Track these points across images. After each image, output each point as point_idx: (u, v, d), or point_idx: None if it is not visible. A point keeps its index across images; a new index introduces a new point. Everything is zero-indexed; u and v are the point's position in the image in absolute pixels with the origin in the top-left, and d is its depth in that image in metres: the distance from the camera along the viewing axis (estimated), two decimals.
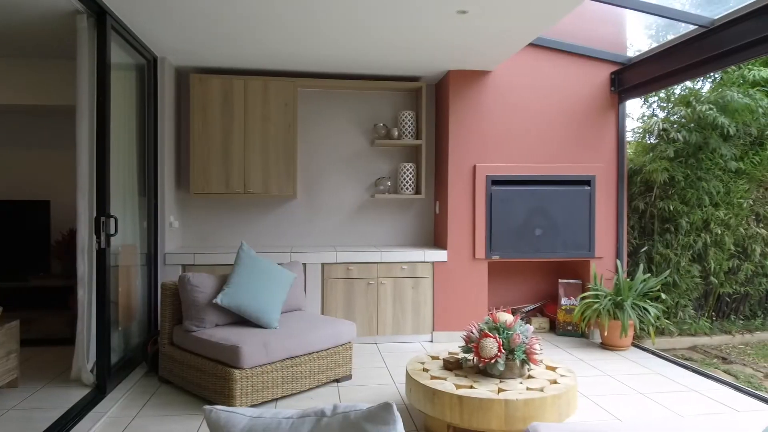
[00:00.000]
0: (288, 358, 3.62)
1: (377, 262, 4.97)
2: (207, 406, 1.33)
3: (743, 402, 3.62)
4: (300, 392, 3.75)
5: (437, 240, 5.51)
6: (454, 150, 5.12)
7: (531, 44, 5.16)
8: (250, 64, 4.94)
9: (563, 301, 5.38)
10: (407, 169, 5.33)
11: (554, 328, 5.51)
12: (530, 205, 5.17)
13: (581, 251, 5.26)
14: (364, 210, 5.55)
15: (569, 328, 5.35)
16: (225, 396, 3.40)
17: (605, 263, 5.29)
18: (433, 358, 3.48)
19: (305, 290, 4.85)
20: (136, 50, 4.28)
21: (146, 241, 4.59)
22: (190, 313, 3.74)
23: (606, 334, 4.89)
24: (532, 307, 5.67)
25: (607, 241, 5.29)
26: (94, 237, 3.63)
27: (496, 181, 5.15)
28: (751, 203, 5.54)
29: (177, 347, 3.82)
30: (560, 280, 5.43)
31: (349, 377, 4.04)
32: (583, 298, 5.05)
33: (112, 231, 3.68)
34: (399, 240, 5.60)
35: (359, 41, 4.26)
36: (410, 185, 5.34)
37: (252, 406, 3.45)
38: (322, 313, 4.90)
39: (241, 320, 3.86)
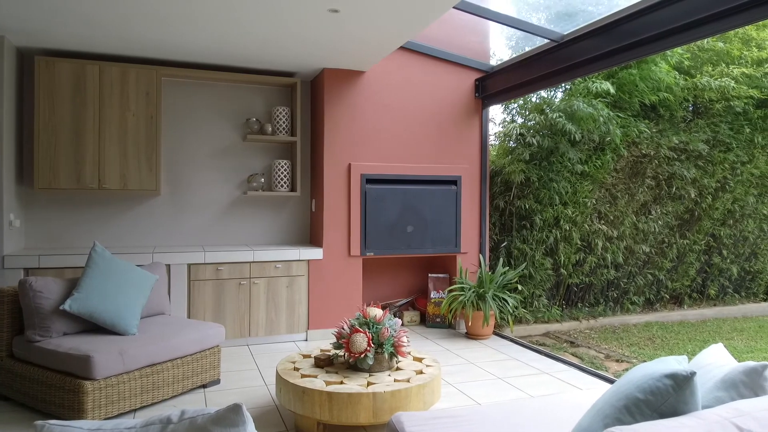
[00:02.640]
0: (148, 366, 3.39)
1: (249, 262, 4.83)
2: (39, 422, 1.20)
3: (586, 381, 4.05)
4: (162, 401, 3.53)
5: (313, 238, 5.48)
6: (329, 148, 5.13)
7: (404, 48, 5.32)
8: (108, 48, 4.54)
9: (433, 294, 5.63)
10: (282, 166, 5.24)
11: (425, 320, 5.74)
12: (402, 203, 5.34)
13: (449, 247, 5.53)
14: (235, 208, 5.36)
15: (438, 320, 5.61)
16: (75, 410, 3.10)
17: (470, 258, 5.61)
18: (305, 356, 3.45)
19: (169, 293, 4.58)
20: None
21: None
22: (32, 322, 3.35)
23: (470, 324, 5.20)
24: (404, 301, 5.86)
25: (471, 237, 5.62)
26: None
27: (371, 180, 5.25)
28: (594, 202, 6.19)
29: (17, 360, 3.41)
30: (430, 275, 5.67)
31: (217, 382, 3.88)
32: (450, 291, 5.32)
33: None
34: (273, 238, 5.49)
35: (231, 33, 4.10)
36: (285, 182, 5.25)
37: (107, 418, 3.18)
38: (189, 316, 4.66)
39: (94, 328, 3.54)
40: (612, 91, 5.77)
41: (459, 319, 5.54)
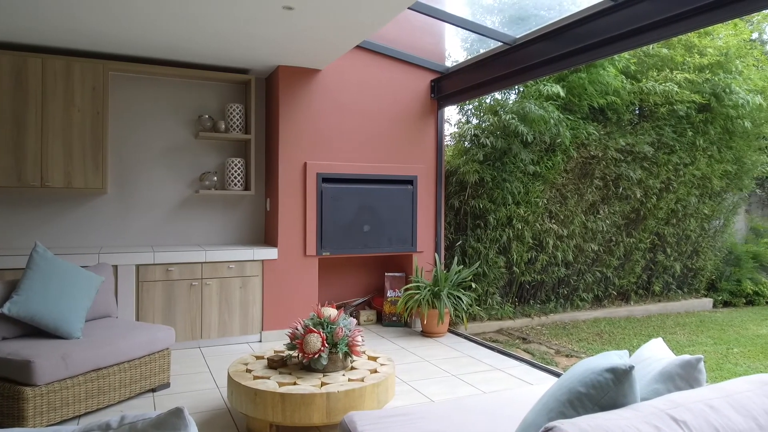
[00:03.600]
0: (93, 371, 3.27)
1: (201, 262, 4.72)
2: None
3: (537, 376, 4.15)
4: (109, 406, 3.41)
5: (268, 238, 5.41)
6: (284, 146, 5.07)
7: (360, 47, 5.32)
8: (52, 41, 4.35)
9: (389, 293, 5.65)
10: (235, 164, 5.14)
11: (381, 319, 5.76)
12: (359, 203, 5.34)
13: (405, 246, 5.57)
14: (187, 207, 5.23)
15: (394, 318, 5.64)
16: (15, 418, 2.96)
17: (426, 257, 5.66)
18: (258, 357, 3.41)
19: (117, 295, 4.43)
20: None
21: None
22: None
23: (425, 322, 5.24)
24: (361, 300, 5.86)
25: (427, 236, 5.67)
26: None
27: (327, 179, 5.22)
28: (545, 202, 6.35)
29: None
30: (386, 274, 5.70)
31: (167, 385, 3.78)
32: (406, 290, 5.36)
33: None
34: (227, 238, 5.39)
35: (183, 27, 4.00)
36: (239, 181, 5.17)
37: (50, 425, 3.05)
38: (138, 319, 4.52)
39: (35, 331, 3.39)
40: (562, 94, 5.93)
41: (415, 318, 5.59)
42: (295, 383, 2.94)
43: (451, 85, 5.54)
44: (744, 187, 7.74)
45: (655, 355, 1.93)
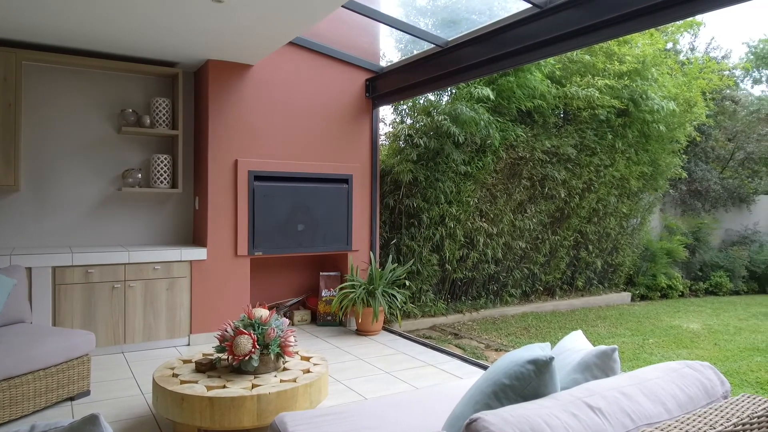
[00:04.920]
0: (4, 380, 3.05)
1: (125, 264, 4.51)
2: None
3: (467, 370, 4.26)
4: (22, 417, 3.19)
5: (196, 237, 5.24)
6: (214, 143, 4.92)
7: (294, 44, 5.25)
8: None
9: (324, 293, 5.62)
10: (162, 161, 4.94)
11: (316, 319, 5.71)
12: (293, 202, 5.27)
13: (340, 245, 5.55)
14: (109, 205, 4.98)
15: (329, 318, 5.61)
16: None
17: (361, 255, 5.67)
18: (185, 361, 3.29)
19: (30, 299, 4.15)
20: None
21: None
22: None
23: (360, 321, 5.26)
24: (295, 300, 5.79)
25: (362, 235, 5.69)
26: None
27: (259, 177, 5.12)
28: (476, 201, 6.53)
29: None
30: (321, 273, 5.66)
31: (87, 393, 3.58)
32: (341, 289, 5.34)
33: None
34: (152, 238, 5.17)
35: (106, 16, 3.79)
36: (165, 178, 4.97)
37: None
38: (55, 324, 4.25)
39: None
40: (492, 96, 6.11)
41: (350, 317, 5.58)
42: (224, 386, 2.87)
43: (385, 85, 5.57)
44: (659, 187, 8.28)
45: (574, 347, 2.03)
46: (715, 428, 1.44)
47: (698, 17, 9.19)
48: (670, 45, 9.66)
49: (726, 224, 10.45)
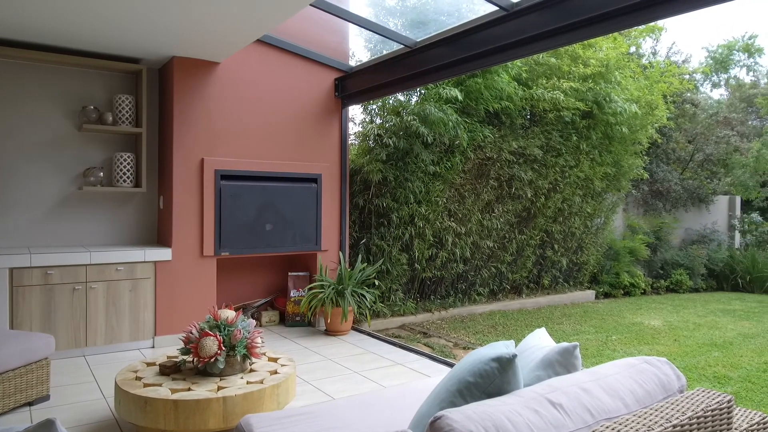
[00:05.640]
0: None
1: (86, 264, 4.39)
2: None
3: (435, 368, 4.29)
4: None
5: (161, 237, 5.14)
6: (179, 141, 4.83)
7: (262, 42, 5.20)
8: None
9: (293, 293, 5.58)
10: (124, 159, 4.83)
11: (284, 320, 5.67)
12: (261, 201, 5.21)
13: (309, 245, 5.52)
14: (69, 204, 4.84)
15: (298, 318, 5.58)
16: None
17: (330, 255, 5.65)
18: (149, 364, 3.23)
19: None
20: None
21: None
22: None
23: (329, 321, 5.24)
24: (263, 301, 5.73)
25: (332, 235, 5.67)
26: None
27: (226, 176, 5.05)
28: (445, 201, 6.58)
29: None
30: (290, 273, 5.62)
31: (46, 398, 3.47)
32: (310, 289, 5.32)
33: None
34: (115, 239, 5.04)
35: (66, 10, 3.68)
36: (129, 177, 4.85)
37: None
38: (12, 327, 4.11)
39: None
40: (460, 97, 6.17)
41: (319, 317, 5.56)
42: (189, 389, 2.82)
43: (355, 85, 5.56)
44: (622, 188, 8.50)
45: (538, 344, 2.07)
46: (671, 422, 1.48)
47: (659, 22, 9.47)
48: (632, 49, 9.92)
49: (686, 224, 10.79)
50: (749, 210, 11.73)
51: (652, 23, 8.65)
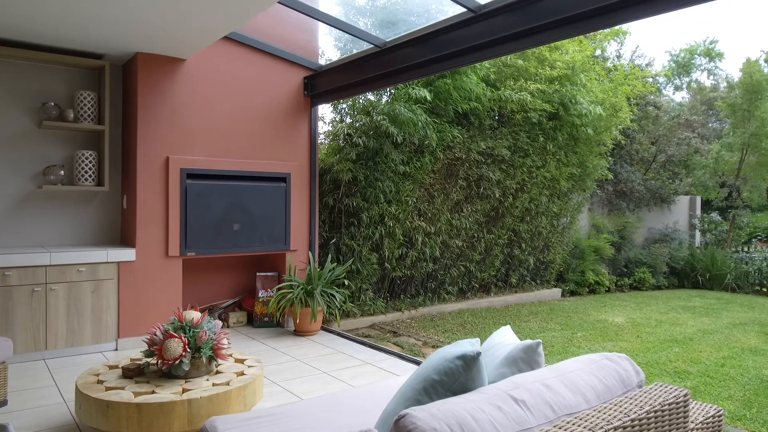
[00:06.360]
0: None
1: (46, 265, 4.26)
2: None
3: (404, 367, 4.30)
4: None
5: (124, 237, 5.02)
6: (144, 139, 4.73)
7: (229, 39, 5.13)
8: None
9: (261, 293, 5.53)
10: (86, 158, 4.70)
11: (252, 320, 5.61)
12: (228, 200, 5.15)
13: (278, 245, 5.47)
14: (28, 204, 4.68)
15: (266, 319, 5.52)
16: None
17: (300, 255, 5.62)
18: (112, 367, 3.15)
19: None
20: None
21: None
22: None
23: (298, 321, 5.20)
24: (230, 302, 5.66)
25: (301, 235, 5.63)
26: None
27: (192, 175, 4.97)
28: (415, 201, 6.61)
29: None
30: (258, 274, 5.56)
31: (4, 403, 3.36)
32: (278, 290, 5.27)
33: None
34: (76, 239, 4.91)
35: (24, 4, 3.56)
36: (91, 176, 4.73)
37: None
38: None
39: None
40: (429, 98, 6.21)
41: (288, 317, 5.52)
42: (153, 392, 2.77)
43: (324, 84, 5.54)
44: (587, 188, 8.68)
45: (503, 341, 2.10)
46: (629, 416, 1.52)
47: (624, 26, 9.70)
48: (598, 52, 10.14)
49: (649, 223, 11.10)
50: (709, 210, 12.13)
51: (617, 27, 8.87)
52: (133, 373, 3.00)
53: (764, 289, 9.26)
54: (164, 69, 4.81)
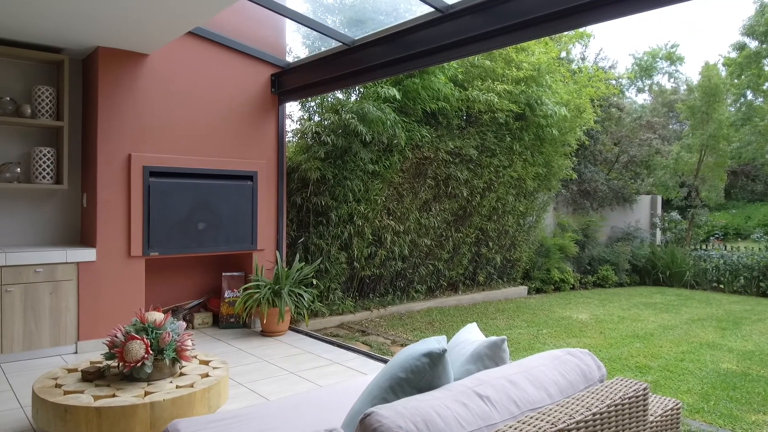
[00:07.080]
0: None
1: (1, 266, 4.10)
2: None
3: (373, 366, 4.30)
4: None
5: (84, 237, 4.87)
6: (104, 136, 4.60)
7: (194, 34, 5.04)
8: None
9: (227, 294, 5.44)
10: (44, 155, 4.54)
11: (218, 321, 5.52)
12: (193, 199, 5.05)
13: (244, 244, 5.40)
14: None
15: (232, 320, 5.44)
16: None
17: (267, 255, 5.55)
18: (71, 370, 3.06)
19: None
20: None
21: None
22: None
23: (265, 321, 5.15)
24: (195, 303, 5.56)
25: (268, 234, 5.57)
26: None
27: (155, 173, 4.86)
28: (384, 199, 6.61)
29: None
30: (224, 274, 5.47)
31: None
32: (245, 290, 5.20)
33: None
34: (34, 238, 4.74)
35: None
36: (49, 173, 4.57)
37: None
38: None
39: None
40: (398, 97, 6.21)
41: (254, 318, 5.45)
42: (113, 395, 2.69)
43: (292, 81, 5.49)
44: (552, 187, 8.84)
45: (469, 339, 2.11)
46: (591, 410, 1.55)
47: (588, 29, 9.91)
48: (563, 54, 10.34)
49: (611, 222, 11.37)
50: (669, 209, 12.52)
51: (581, 29, 9.06)
52: (93, 376, 2.92)
53: (721, 286, 9.60)
54: (126, 64, 4.69)
